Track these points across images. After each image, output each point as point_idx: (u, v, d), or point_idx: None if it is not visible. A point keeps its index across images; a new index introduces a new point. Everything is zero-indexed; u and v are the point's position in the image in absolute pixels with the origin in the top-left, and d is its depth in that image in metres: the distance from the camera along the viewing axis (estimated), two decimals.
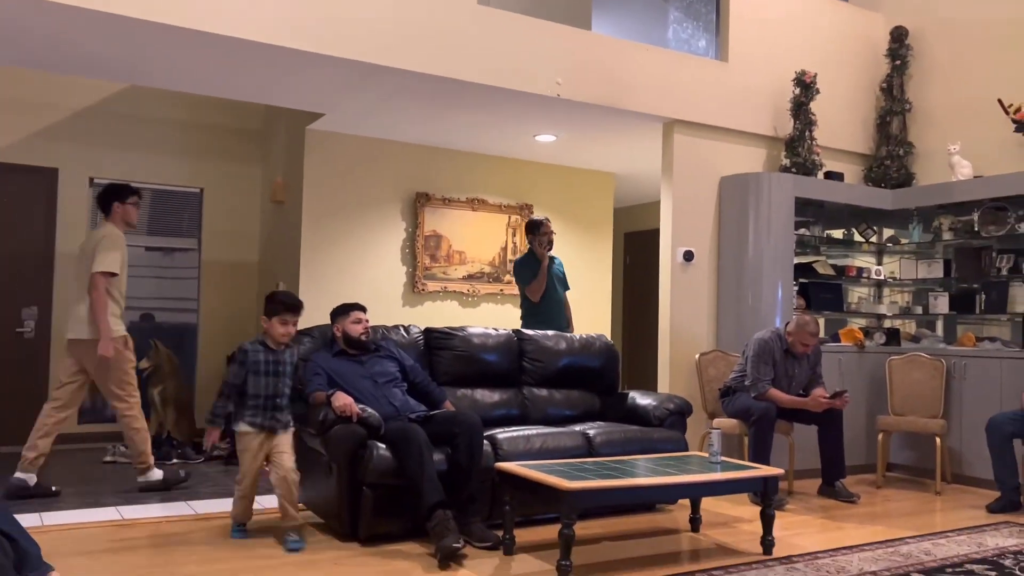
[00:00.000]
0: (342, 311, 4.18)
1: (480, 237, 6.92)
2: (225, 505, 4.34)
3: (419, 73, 4.70)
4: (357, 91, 5.12)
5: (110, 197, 4.75)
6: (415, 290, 6.55)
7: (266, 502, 4.46)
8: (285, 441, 3.69)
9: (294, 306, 3.79)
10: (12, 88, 6.14)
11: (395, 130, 6.16)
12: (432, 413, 4.06)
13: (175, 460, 5.67)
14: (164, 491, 4.62)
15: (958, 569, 3.45)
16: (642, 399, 4.83)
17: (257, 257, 7.13)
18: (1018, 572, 3.42)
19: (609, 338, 5.30)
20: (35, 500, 4.35)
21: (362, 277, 6.34)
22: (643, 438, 4.43)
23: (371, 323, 4.26)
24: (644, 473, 3.51)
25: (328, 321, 4.25)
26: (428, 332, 4.69)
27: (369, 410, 3.78)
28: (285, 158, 6.61)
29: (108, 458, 5.68)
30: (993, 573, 3.40)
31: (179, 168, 6.83)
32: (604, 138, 6.25)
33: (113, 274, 4.64)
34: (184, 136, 6.84)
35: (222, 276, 7.01)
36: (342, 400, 3.69)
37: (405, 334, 4.57)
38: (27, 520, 3.64)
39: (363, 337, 4.13)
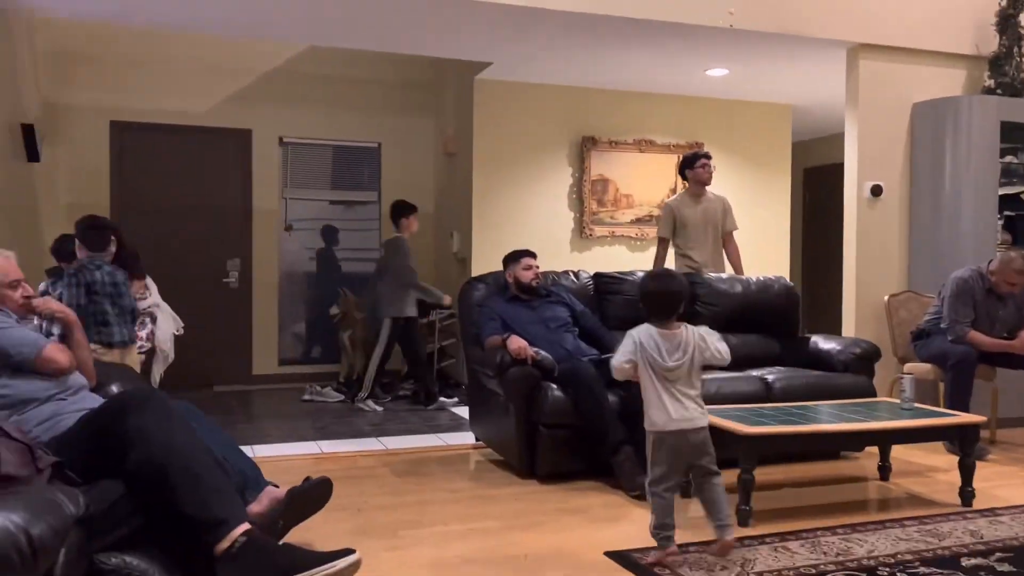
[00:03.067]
0: (513, 258, 4.27)
1: (648, 179, 6.79)
2: (412, 442, 4.61)
3: (583, 13, 4.63)
4: (522, 37, 5.12)
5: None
6: (583, 235, 6.56)
7: (451, 439, 4.69)
8: None
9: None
10: (209, 54, 6.61)
11: (561, 74, 6.12)
12: (605, 357, 4.08)
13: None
14: None
15: None
16: (825, 343, 4.61)
17: (432, 207, 7.37)
18: None
19: (788, 280, 5.08)
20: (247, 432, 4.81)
21: (531, 223, 6.42)
22: (826, 384, 4.24)
23: (541, 269, 4.32)
24: (828, 419, 3.37)
25: (500, 268, 4.36)
26: (598, 277, 4.69)
27: (543, 353, 3.86)
28: (455, 109, 6.76)
29: (306, 397, 6.16)
30: None
31: (359, 124, 7.14)
32: (781, 68, 5.91)
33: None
34: (362, 93, 7.13)
35: None
36: (517, 343, 3.79)
37: (575, 279, 4.60)
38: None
39: (534, 283, 4.21)
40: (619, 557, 2.77)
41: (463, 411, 5.56)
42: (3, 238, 4.49)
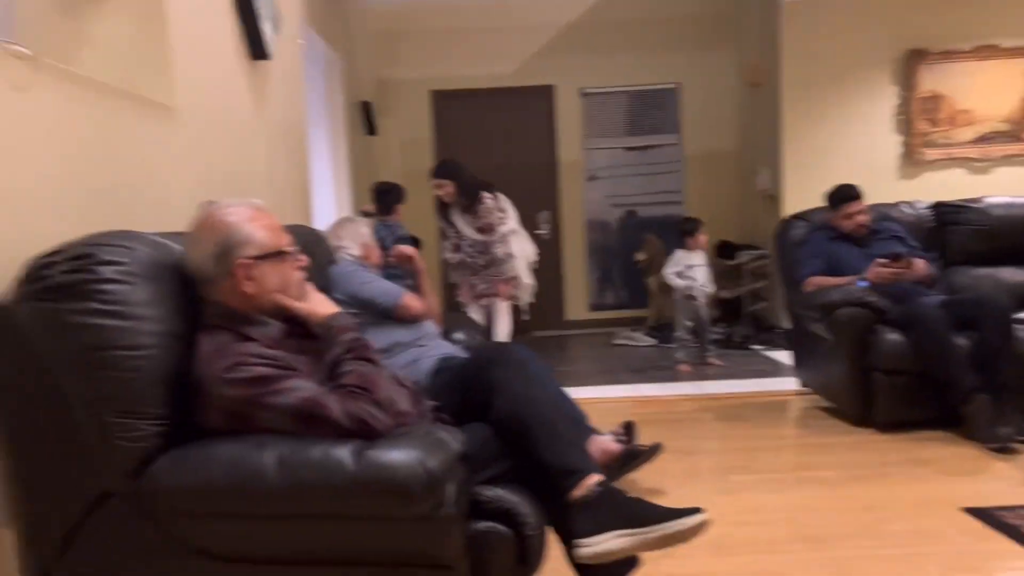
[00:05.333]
0: (834, 202, 3.94)
1: (991, 91, 5.90)
2: (730, 387, 4.55)
3: None
4: None
5: None
6: (912, 161, 5.91)
7: (770, 385, 4.55)
8: None
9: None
10: (513, 17, 6.90)
11: None
12: (952, 297, 3.69)
13: (674, 344, 6.06)
14: None
15: None
16: None
17: (735, 144, 7.10)
18: None
19: None
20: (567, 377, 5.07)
21: (850, 152, 5.92)
22: None
23: (867, 202, 3.98)
24: None
25: (815, 205, 4.10)
26: (938, 207, 4.22)
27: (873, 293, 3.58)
28: (759, 38, 6.39)
29: (618, 341, 6.33)
30: None
31: (657, 66, 7.05)
32: None
33: None
34: (660, 33, 7.01)
35: (703, 166, 7.16)
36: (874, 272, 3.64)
37: (910, 210, 4.18)
38: None
39: (857, 233, 3.86)
40: (982, 515, 2.52)
41: (778, 355, 5.36)
42: (356, 204, 5.11)
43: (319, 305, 1.77)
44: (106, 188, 2.03)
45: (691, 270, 5.03)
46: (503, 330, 4.88)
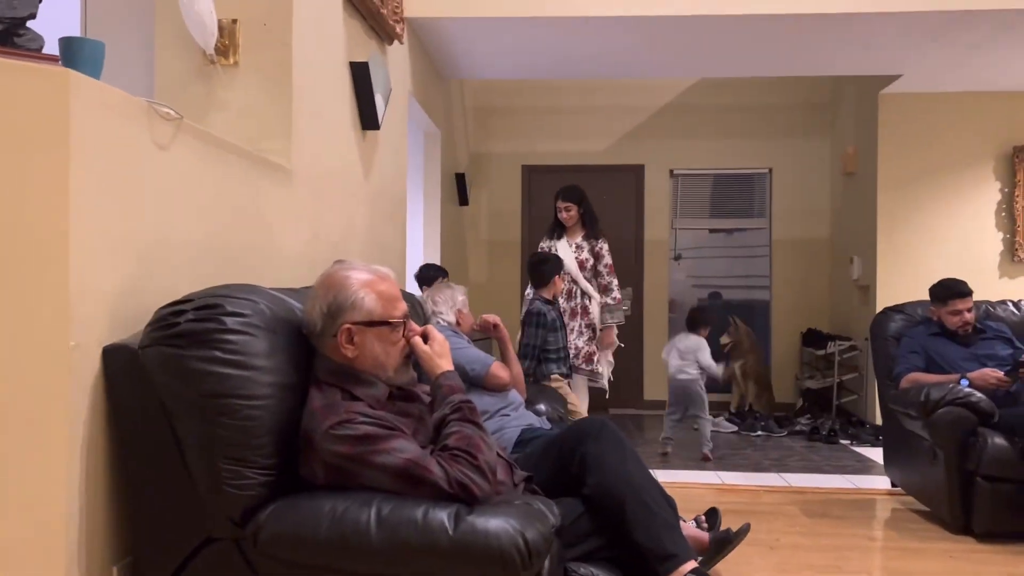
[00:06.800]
0: (939, 296, 3.79)
1: None
2: (817, 481, 4.39)
3: (1020, 10, 4.07)
4: (940, 44, 4.65)
5: None
6: (1015, 259, 5.72)
7: (860, 482, 4.36)
8: None
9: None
10: (605, 97, 7.05)
11: (986, 80, 5.43)
12: None
13: (759, 432, 5.90)
14: None
15: None
16: None
17: (828, 231, 7.00)
18: None
19: None
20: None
21: (948, 246, 5.77)
22: None
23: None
24: None
25: (910, 297, 3.99)
26: None
27: (978, 394, 3.43)
28: (855, 127, 6.36)
29: (696, 426, 6.17)
30: None
31: (749, 151, 7.06)
32: None
33: None
34: (753, 119, 7.04)
35: (792, 252, 7.06)
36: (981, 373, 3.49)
37: (1016, 311, 4.02)
38: None
39: (962, 331, 3.72)
40: None
41: (867, 451, 5.15)
42: (451, 270, 5.22)
43: (442, 358, 1.78)
44: (229, 242, 2.14)
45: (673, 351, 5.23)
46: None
